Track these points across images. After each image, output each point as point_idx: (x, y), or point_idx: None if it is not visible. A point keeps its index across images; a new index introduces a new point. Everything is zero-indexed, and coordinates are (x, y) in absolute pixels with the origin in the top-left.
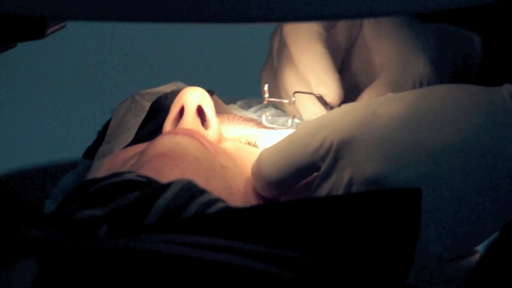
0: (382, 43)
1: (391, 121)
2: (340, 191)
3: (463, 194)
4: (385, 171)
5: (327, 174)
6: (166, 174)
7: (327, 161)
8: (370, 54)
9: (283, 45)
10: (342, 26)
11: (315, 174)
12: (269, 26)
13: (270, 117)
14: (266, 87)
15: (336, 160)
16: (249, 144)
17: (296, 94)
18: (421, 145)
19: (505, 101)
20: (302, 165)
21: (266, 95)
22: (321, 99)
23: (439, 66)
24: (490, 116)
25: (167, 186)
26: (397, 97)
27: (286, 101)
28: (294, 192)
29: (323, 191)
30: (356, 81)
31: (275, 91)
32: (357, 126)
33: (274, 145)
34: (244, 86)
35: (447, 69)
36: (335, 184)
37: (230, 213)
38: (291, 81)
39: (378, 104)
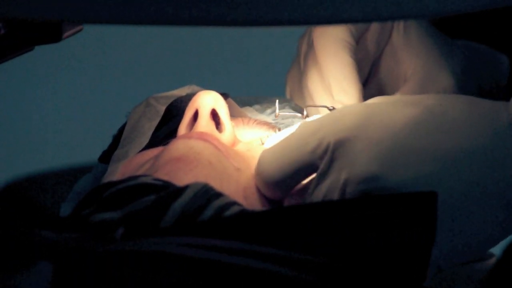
0: (408, 53)
1: (388, 123)
2: (336, 191)
3: (463, 202)
4: (379, 172)
5: (324, 174)
6: (180, 179)
7: (324, 161)
8: (397, 63)
9: (310, 48)
10: (371, 33)
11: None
12: (285, 29)
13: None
14: (277, 103)
15: (333, 160)
16: (263, 144)
17: (315, 95)
18: (419, 148)
19: None
20: (300, 165)
21: (277, 111)
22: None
23: (463, 81)
24: (493, 126)
25: (183, 189)
26: (396, 99)
27: (299, 114)
28: (296, 193)
29: (321, 191)
30: (383, 89)
31: (300, 94)
32: (354, 127)
33: (274, 145)
34: (259, 88)
35: (472, 87)
36: (332, 184)
37: (247, 216)
38: (315, 85)
39: (376, 105)
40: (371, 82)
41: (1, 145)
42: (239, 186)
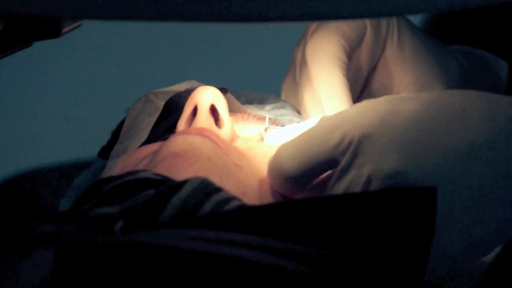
0: (402, 68)
1: (411, 118)
2: (358, 186)
3: (482, 197)
4: (404, 168)
5: (346, 170)
6: (179, 174)
7: (347, 156)
8: (390, 77)
9: (304, 63)
10: (365, 47)
11: (331, 170)
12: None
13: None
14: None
15: (355, 155)
16: (262, 140)
17: (308, 109)
18: (442, 144)
19: None
20: (321, 160)
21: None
22: None
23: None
24: (509, 122)
25: (182, 184)
26: (417, 96)
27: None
28: (310, 188)
29: (342, 186)
30: None
31: (295, 102)
32: (377, 122)
33: (293, 140)
34: (258, 84)
35: None
36: (354, 179)
37: (246, 211)
38: (308, 100)
39: (398, 101)
40: (365, 95)
41: (1, 140)
42: (238, 182)
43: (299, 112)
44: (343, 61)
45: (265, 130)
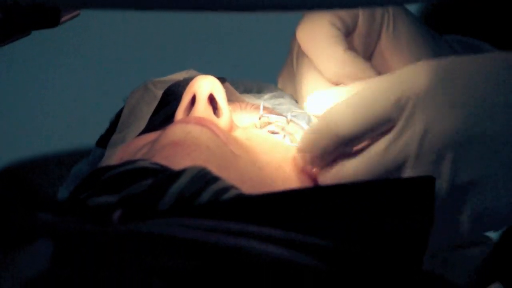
0: (398, 56)
1: (466, 77)
2: (414, 145)
3: None
4: (462, 125)
5: (403, 129)
6: (178, 163)
7: (405, 115)
8: (386, 66)
9: (301, 53)
10: (359, 34)
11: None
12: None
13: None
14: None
15: (413, 114)
16: (260, 128)
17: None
18: (498, 101)
19: None
20: (378, 120)
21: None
22: None
23: None
24: None
25: (180, 173)
26: (470, 56)
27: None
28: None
29: (398, 145)
30: None
31: (295, 94)
32: (433, 81)
33: (346, 101)
34: (256, 73)
35: None
36: (411, 138)
37: (244, 200)
38: (311, 86)
39: (453, 60)
40: None
41: None
42: (236, 171)
43: (297, 102)
44: (340, 37)
45: (259, 118)
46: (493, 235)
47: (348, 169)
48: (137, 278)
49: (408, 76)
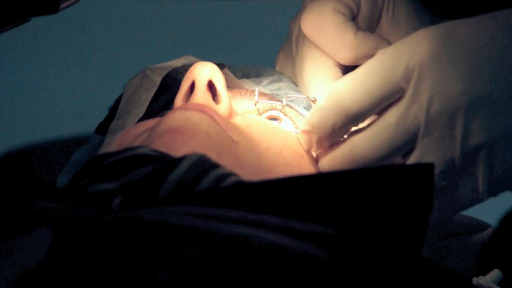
0: (396, 40)
1: (470, 41)
2: (423, 112)
3: None
4: (468, 87)
5: (412, 98)
6: (177, 150)
7: (413, 82)
8: None
9: (302, 37)
10: (362, 17)
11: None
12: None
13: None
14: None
15: (420, 81)
16: (259, 115)
17: (313, 79)
18: (503, 61)
19: None
20: (387, 92)
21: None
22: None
23: None
24: None
25: (180, 160)
26: (470, 19)
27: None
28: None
29: (410, 116)
30: None
31: (293, 77)
32: (437, 46)
33: (352, 75)
34: (255, 59)
35: None
36: (420, 106)
37: (244, 186)
38: (313, 72)
39: (453, 24)
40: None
41: None
42: (236, 158)
43: (296, 84)
44: (346, 23)
45: (255, 104)
46: (492, 222)
47: (358, 147)
48: (138, 266)
49: (411, 44)
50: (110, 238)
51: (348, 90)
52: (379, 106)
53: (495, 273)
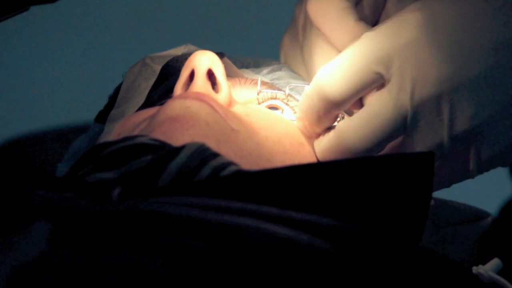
0: None
1: (449, 20)
2: (408, 98)
3: None
4: (451, 71)
5: (396, 85)
6: (177, 138)
7: (394, 71)
8: None
9: (310, 25)
10: (367, 1)
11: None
12: None
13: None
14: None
15: (400, 67)
16: (259, 104)
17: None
18: (483, 42)
19: None
20: (366, 79)
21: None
22: None
23: None
24: None
25: (179, 149)
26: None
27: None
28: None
29: (396, 103)
30: None
31: (295, 62)
32: (418, 32)
33: (334, 62)
34: (256, 48)
35: None
36: (404, 92)
37: (243, 176)
38: (321, 59)
39: (432, 7)
40: None
41: None
42: (236, 146)
43: (296, 74)
44: (349, 8)
45: (258, 94)
46: (492, 210)
47: (346, 136)
48: (137, 257)
49: (393, 29)
50: (110, 229)
51: (329, 76)
52: (360, 93)
53: (495, 262)
